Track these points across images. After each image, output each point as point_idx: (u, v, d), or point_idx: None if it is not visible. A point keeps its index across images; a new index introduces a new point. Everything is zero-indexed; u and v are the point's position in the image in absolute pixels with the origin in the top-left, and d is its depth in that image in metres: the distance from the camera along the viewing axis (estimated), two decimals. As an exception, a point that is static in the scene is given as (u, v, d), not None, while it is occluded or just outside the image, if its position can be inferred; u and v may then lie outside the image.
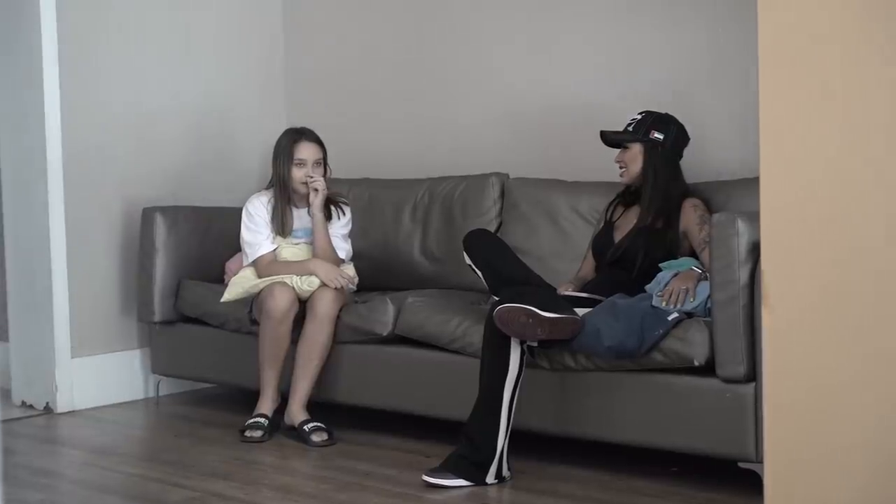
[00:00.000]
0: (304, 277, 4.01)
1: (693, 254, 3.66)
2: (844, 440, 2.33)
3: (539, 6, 4.54)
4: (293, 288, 3.99)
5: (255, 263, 4.12)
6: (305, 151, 4.11)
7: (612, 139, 3.82)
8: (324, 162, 4.15)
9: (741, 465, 3.20)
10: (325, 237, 4.09)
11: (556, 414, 3.54)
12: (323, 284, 3.99)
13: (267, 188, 4.23)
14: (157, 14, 4.84)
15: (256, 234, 4.12)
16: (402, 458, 3.70)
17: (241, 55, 5.14)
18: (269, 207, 4.14)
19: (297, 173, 4.09)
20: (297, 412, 3.95)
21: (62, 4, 4.48)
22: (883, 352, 2.28)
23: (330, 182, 4.20)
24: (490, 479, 3.34)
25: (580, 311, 3.40)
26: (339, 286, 4.00)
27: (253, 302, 4.13)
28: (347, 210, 4.24)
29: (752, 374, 3.13)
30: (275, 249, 4.12)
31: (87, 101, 4.59)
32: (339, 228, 4.19)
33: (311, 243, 4.13)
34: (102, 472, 3.64)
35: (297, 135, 4.15)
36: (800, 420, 2.43)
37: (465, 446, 3.36)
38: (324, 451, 3.81)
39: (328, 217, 4.15)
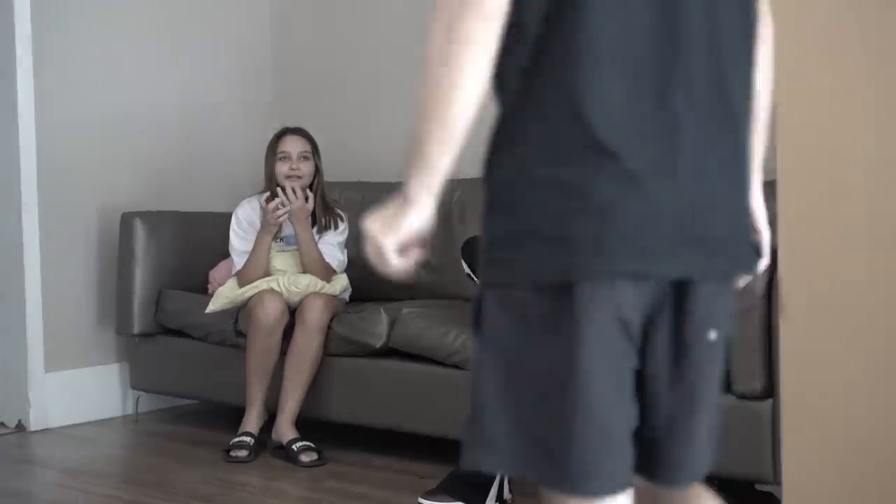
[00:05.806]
0: (290, 278, 3.96)
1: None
2: (870, 461, 2.31)
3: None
4: (283, 296, 3.93)
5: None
6: (289, 144, 4.11)
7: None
8: (313, 157, 4.13)
9: (758, 487, 3.16)
10: (310, 245, 4.03)
11: (560, 432, 3.43)
12: (311, 293, 3.93)
13: (260, 193, 4.19)
14: (138, 13, 4.80)
15: (244, 239, 4.10)
16: (396, 479, 3.64)
17: (226, 56, 5.11)
18: (260, 212, 4.09)
19: (282, 167, 4.08)
20: (285, 429, 3.88)
21: (37, 3, 4.42)
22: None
23: (325, 186, 4.21)
24: (490, 502, 3.26)
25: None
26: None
27: (239, 312, 4.06)
28: (343, 220, 4.20)
29: (770, 391, 3.05)
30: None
31: (64, 102, 4.52)
32: (335, 236, 4.15)
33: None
34: (77, 494, 3.57)
35: (283, 131, 4.18)
36: (820, 438, 2.45)
37: (465, 467, 3.25)
38: (313, 471, 3.76)
39: (325, 227, 4.13)
